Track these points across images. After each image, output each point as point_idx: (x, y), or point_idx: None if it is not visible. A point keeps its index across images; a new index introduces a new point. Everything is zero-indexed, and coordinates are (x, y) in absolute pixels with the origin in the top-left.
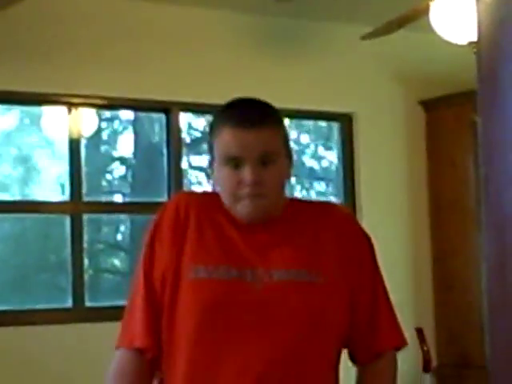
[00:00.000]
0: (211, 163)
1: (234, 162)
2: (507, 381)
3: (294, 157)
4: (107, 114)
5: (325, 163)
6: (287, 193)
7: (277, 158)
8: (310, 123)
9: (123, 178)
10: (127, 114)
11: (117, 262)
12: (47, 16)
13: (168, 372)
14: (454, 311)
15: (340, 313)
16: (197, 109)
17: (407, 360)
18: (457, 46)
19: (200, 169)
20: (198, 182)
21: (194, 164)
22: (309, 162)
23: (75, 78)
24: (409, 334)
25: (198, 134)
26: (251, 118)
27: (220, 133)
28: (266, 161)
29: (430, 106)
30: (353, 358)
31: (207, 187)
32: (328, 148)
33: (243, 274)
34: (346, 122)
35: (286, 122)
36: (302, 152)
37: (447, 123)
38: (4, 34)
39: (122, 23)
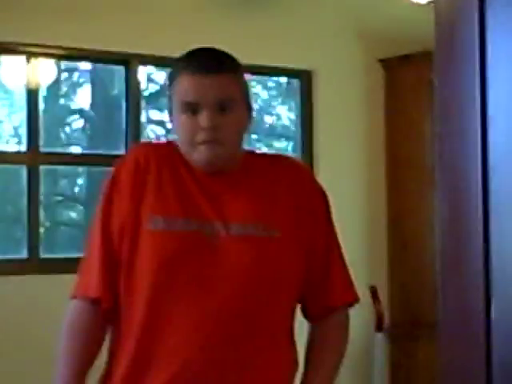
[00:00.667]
0: (170, 112)
1: (192, 108)
2: (456, 339)
3: (254, 114)
4: (66, 64)
5: (285, 121)
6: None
7: (234, 106)
8: (270, 80)
9: (81, 130)
10: (86, 66)
11: (73, 215)
12: None
13: (123, 324)
14: (408, 270)
15: (295, 267)
16: (157, 62)
17: (360, 318)
18: (417, 5)
19: (159, 123)
20: (157, 137)
21: (153, 118)
22: (269, 119)
23: (35, 27)
24: (362, 292)
25: (158, 88)
26: (209, 64)
27: (178, 80)
28: (223, 108)
29: (389, 64)
30: (305, 314)
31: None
32: (287, 105)
33: (202, 227)
34: (305, 78)
35: (248, 77)
36: (262, 110)
37: (406, 82)
38: None
39: None
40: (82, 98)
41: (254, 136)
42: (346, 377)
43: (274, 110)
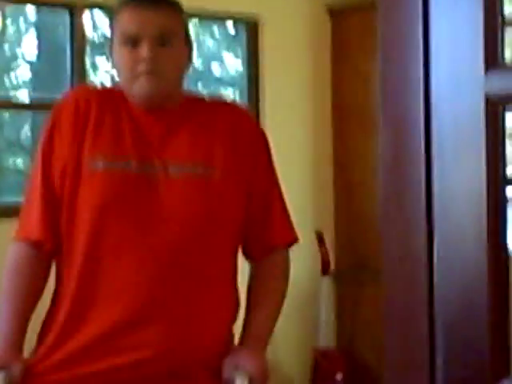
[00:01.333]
0: (111, 51)
1: (132, 41)
2: (399, 280)
3: (201, 62)
4: (11, 11)
5: (231, 69)
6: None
7: (174, 41)
8: (217, 28)
9: (27, 76)
10: (31, 10)
11: (19, 161)
12: None
13: (65, 265)
14: (353, 216)
15: (234, 207)
16: (102, 6)
17: (306, 262)
18: None
19: (105, 71)
20: (102, 84)
21: (99, 65)
22: (215, 67)
23: None
24: (309, 237)
25: (104, 36)
26: None
27: (120, 14)
28: (163, 41)
29: (336, 13)
30: (247, 254)
31: None
32: (234, 54)
33: (141, 167)
34: (252, 27)
35: (194, 22)
36: (208, 58)
37: (352, 31)
38: None
39: None
40: (28, 45)
41: (199, 84)
42: (293, 319)
43: (220, 59)
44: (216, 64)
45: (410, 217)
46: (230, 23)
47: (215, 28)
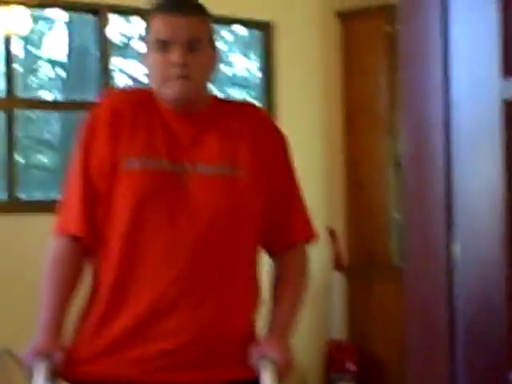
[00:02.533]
0: (145, 55)
1: (164, 46)
2: (420, 273)
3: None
4: (41, 14)
5: (246, 71)
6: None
7: (202, 46)
8: (229, 32)
9: (56, 78)
10: (60, 15)
11: (45, 159)
12: None
13: (102, 257)
14: (364, 213)
15: (256, 203)
16: (126, 11)
17: (319, 258)
18: None
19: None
20: (126, 85)
21: (121, 67)
22: (229, 70)
23: None
24: (321, 234)
25: (127, 40)
26: (181, 6)
27: (153, 21)
28: (192, 46)
29: (346, 17)
30: (269, 251)
31: None
32: (248, 57)
33: (172, 166)
34: (266, 30)
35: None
36: (225, 62)
37: (361, 34)
38: None
39: None
40: (56, 48)
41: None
42: (307, 313)
43: (232, 60)
44: (227, 66)
45: (431, 214)
46: (241, 28)
47: (227, 32)
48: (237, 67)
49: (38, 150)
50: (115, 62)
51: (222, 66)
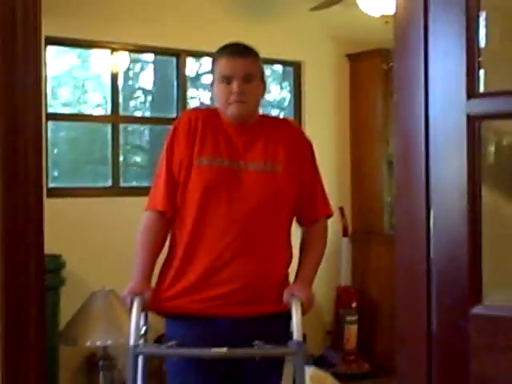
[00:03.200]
0: (212, 85)
1: (227, 80)
2: (406, 240)
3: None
4: (136, 56)
5: (281, 97)
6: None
7: (255, 79)
8: (269, 69)
9: (146, 101)
10: (150, 58)
11: (141, 160)
12: None
13: (179, 229)
14: (364, 197)
15: (290, 191)
16: (198, 55)
17: (332, 228)
18: (373, 17)
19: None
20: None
21: (193, 95)
22: (268, 95)
23: (115, 30)
24: (334, 211)
25: (196, 74)
26: (239, 50)
27: (219, 61)
28: (247, 80)
29: (353, 58)
30: (299, 223)
31: None
32: (282, 87)
33: (231, 164)
34: (297, 67)
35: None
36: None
37: (364, 70)
38: None
39: None
40: (147, 80)
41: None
42: (323, 266)
43: (271, 89)
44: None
45: (415, 197)
46: (278, 66)
47: (268, 69)
48: (273, 94)
49: (133, 153)
50: (190, 91)
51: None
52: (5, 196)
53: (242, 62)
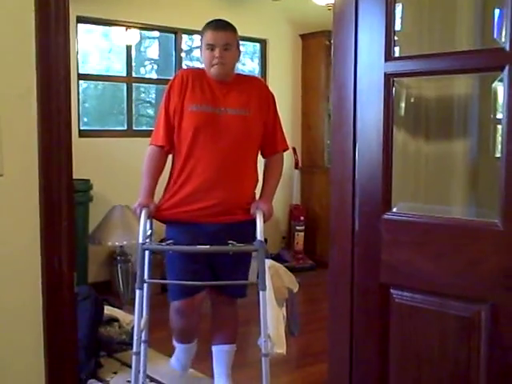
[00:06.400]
0: (200, 52)
1: (211, 47)
2: (338, 172)
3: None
4: (145, 33)
5: (251, 68)
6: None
7: (232, 47)
8: (244, 45)
9: (153, 67)
10: (155, 34)
11: (149, 111)
12: None
13: (175, 159)
14: (310, 139)
15: (258, 131)
16: (191, 32)
17: (287, 163)
18: (320, 6)
19: (190, 65)
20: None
21: (187, 64)
22: (243, 67)
23: (129, 11)
24: (289, 150)
25: (189, 48)
26: (221, 25)
27: (205, 32)
28: (226, 48)
29: (304, 37)
30: (263, 154)
31: None
32: (253, 60)
33: (213, 109)
34: (263, 44)
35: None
36: (240, 61)
37: (313, 46)
38: None
39: None
40: (153, 51)
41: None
42: (280, 189)
43: (245, 61)
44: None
45: (346, 134)
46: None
47: (242, 45)
48: (247, 66)
49: (144, 106)
50: (184, 61)
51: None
52: (42, 129)
53: (223, 34)
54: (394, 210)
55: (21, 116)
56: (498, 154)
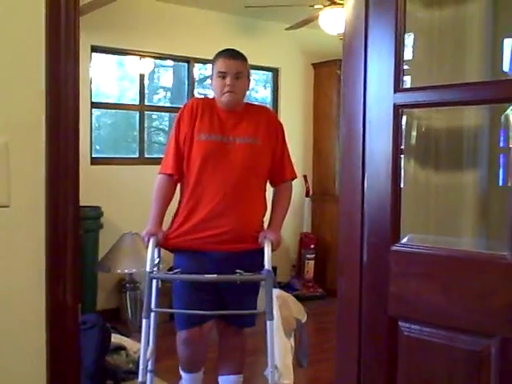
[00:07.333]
0: (211, 80)
1: (222, 75)
2: (347, 198)
3: (249, 92)
4: (158, 62)
5: (264, 95)
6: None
7: (243, 76)
8: (256, 73)
9: (166, 95)
10: (169, 63)
11: (160, 138)
12: (135, 14)
13: (184, 187)
14: (322, 167)
15: (267, 159)
16: (203, 61)
17: (298, 191)
18: (332, 35)
19: (202, 93)
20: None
21: (200, 92)
22: (256, 94)
23: (142, 41)
24: (300, 177)
25: (202, 76)
26: (232, 54)
27: (217, 61)
28: (237, 76)
29: (316, 66)
30: (271, 183)
31: None
32: (266, 88)
33: (222, 138)
34: (275, 73)
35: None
36: (252, 89)
37: (324, 75)
38: (111, 18)
39: (166, 21)
40: (167, 80)
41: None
42: (290, 217)
43: (257, 89)
44: (254, 91)
45: (355, 165)
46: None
47: (254, 73)
48: (260, 93)
49: (156, 133)
50: (197, 89)
51: (250, 92)
52: (50, 158)
53: (235, 63)
54: (403, 241)
55: (29, 146)
56: (509, 184)
